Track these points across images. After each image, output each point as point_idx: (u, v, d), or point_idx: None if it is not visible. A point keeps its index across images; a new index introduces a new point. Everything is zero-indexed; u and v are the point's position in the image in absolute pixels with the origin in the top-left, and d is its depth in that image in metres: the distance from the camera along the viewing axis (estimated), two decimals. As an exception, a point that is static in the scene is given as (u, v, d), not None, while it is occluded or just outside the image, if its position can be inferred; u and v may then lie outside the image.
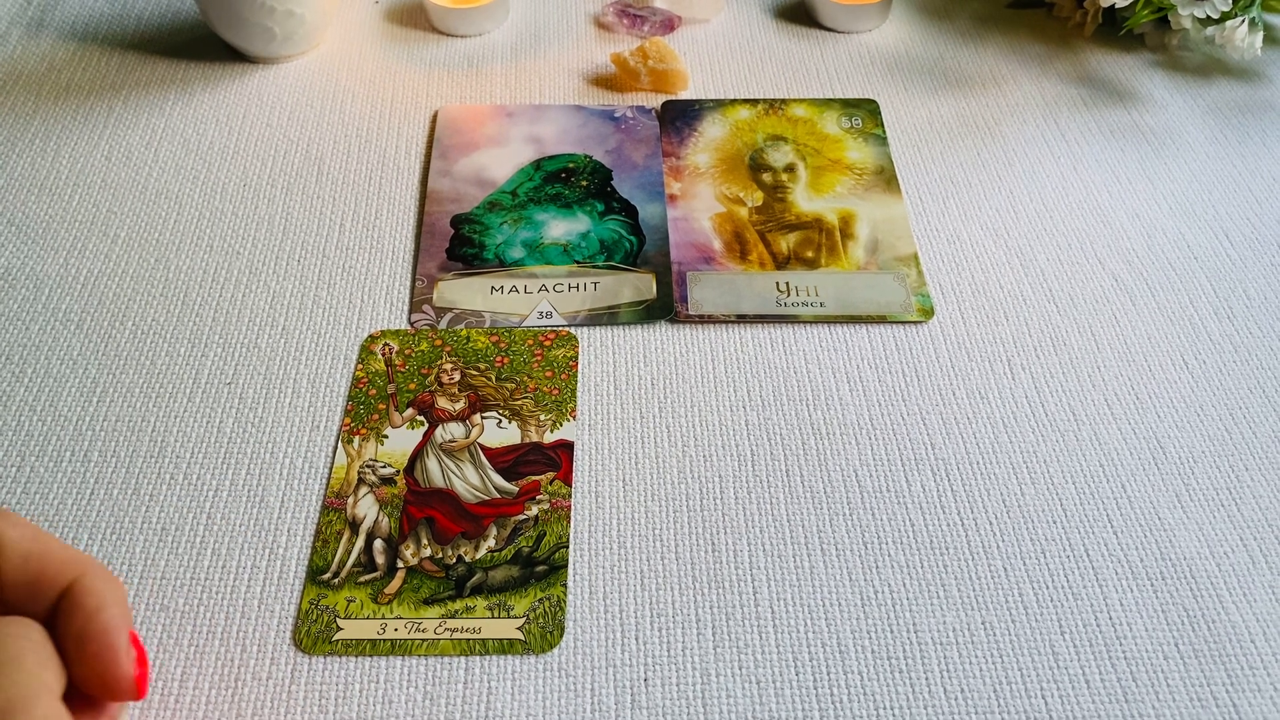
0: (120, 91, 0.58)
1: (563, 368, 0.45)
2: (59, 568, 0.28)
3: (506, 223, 0.51)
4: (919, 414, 0.43)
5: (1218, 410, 0.44)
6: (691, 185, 0.53)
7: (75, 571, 0.28)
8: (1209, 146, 0.56)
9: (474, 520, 0.40)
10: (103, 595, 0.28)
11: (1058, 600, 0.38)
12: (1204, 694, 0.35)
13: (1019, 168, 0.54)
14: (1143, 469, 0.42)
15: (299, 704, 0.35)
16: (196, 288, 0.48)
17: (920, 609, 0.37)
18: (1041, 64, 0.61)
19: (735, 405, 0.44)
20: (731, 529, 0.39)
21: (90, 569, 0.29)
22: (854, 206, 0.52)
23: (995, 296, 0.48)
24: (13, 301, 0.47)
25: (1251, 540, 0.39)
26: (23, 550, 0.27)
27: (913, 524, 0.40)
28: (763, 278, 0.48)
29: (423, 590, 0.38)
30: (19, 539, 0.28)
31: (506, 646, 0.36)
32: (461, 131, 0.56)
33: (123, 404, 0.43)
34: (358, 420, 0.43)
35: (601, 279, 0.48)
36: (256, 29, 0.57)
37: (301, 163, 0.54)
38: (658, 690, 0.35)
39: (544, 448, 0.42)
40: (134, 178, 0.53)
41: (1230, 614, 0.37)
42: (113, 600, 0.29)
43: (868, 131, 0.56)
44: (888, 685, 0.35)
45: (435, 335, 0.46)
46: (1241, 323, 0.47)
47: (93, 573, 0.29)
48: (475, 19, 0.62)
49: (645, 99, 0.58)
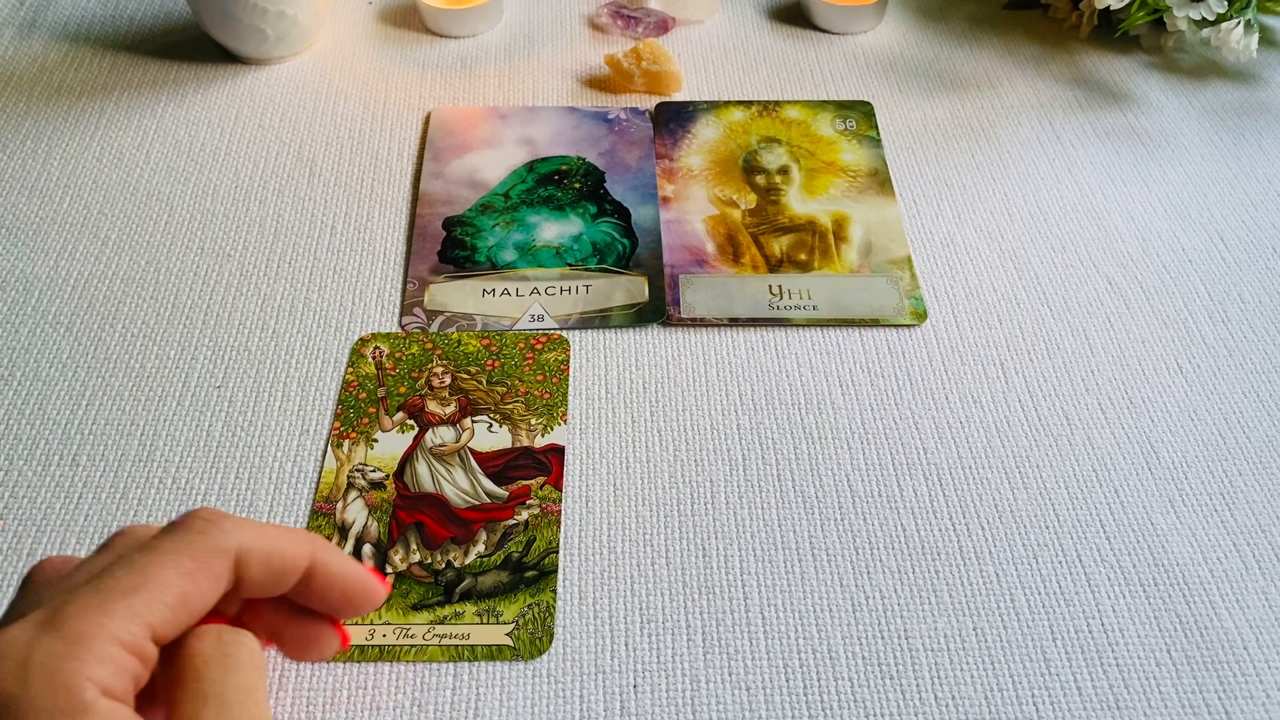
0: (112, 92, 0.58)
1: (554, 371, 0.44)
2: (294, 559, 0.29)
3: (499, 225, 0.51)
4: (911, 418, 0.43)
5: (1211, 415, 0.43)
6: (684, 187, 0.53)
7: (307, 554, 0.30)
8: (1204, 149, 0.56)
9: (464, 525, 0.39)
10: (335, 561, 0.30)
11: (1049, 606, 0.37)
12: (1196, 701, 0.35)
13: (1014, 170, 0.54)
14: (1136, 474, 0.41)
15: (286, 710, 0.35)
16: (187, 290, 0.48)
17: (911, 615, 0.37)
18: (1037, 66, 0.61)
19: (727, 409, 0.43)
20: (722, 534, 0.39)
21: (316, 545, 0.30)
22: (848, 209, 0.52)
23: (989, 300, 0.48)
24: (2, 303, 0.47)
25: (1245, 546, 0.39)
26: (263, 552, 0.28)
27: (904, 529, 0.40)
28: (755, 280, 0.48)
29: (411, 596, 0.37)
30: (256, 545, 0.28)
31: (495, 653, 0.36)
32: (454, 133, 0.55)
33: (112, 407, 0.43)
34: (347, 424, 0.43)
35: (594, 282, 0.48)
36: (249, 30, 0.57)
37: (293, 164, 0.54)
38: (647, 696, 0.35)
39: (535, 452, 0.42)
40: (125, 179, 0.53)
41: (1223, 620, 0.37)
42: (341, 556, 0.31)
43: (862, 134, 0.56)
44: (878, 692, 0.35)
45: (426, 338, 0.46)
46: (1236, 326, 0.47)
47: (321, 549, 0.30)
48: (468, 20, 0.61)
49: (639, 100, 0.58)
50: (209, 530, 0.28)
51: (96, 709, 0.24)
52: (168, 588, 0.26)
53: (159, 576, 0.26)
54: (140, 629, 0.25)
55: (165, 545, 0.27)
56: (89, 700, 0.24)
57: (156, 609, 0.26)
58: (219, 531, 0.28)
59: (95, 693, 0.24)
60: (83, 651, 0.24)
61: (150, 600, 0.25)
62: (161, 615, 0.26)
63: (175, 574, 0.26)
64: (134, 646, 0.25)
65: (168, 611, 0.26)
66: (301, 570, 0.29)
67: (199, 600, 0.27)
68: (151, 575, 0.26)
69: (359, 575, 0.31)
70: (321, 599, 0.30)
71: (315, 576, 0.30)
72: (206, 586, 0.27)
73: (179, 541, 0.27)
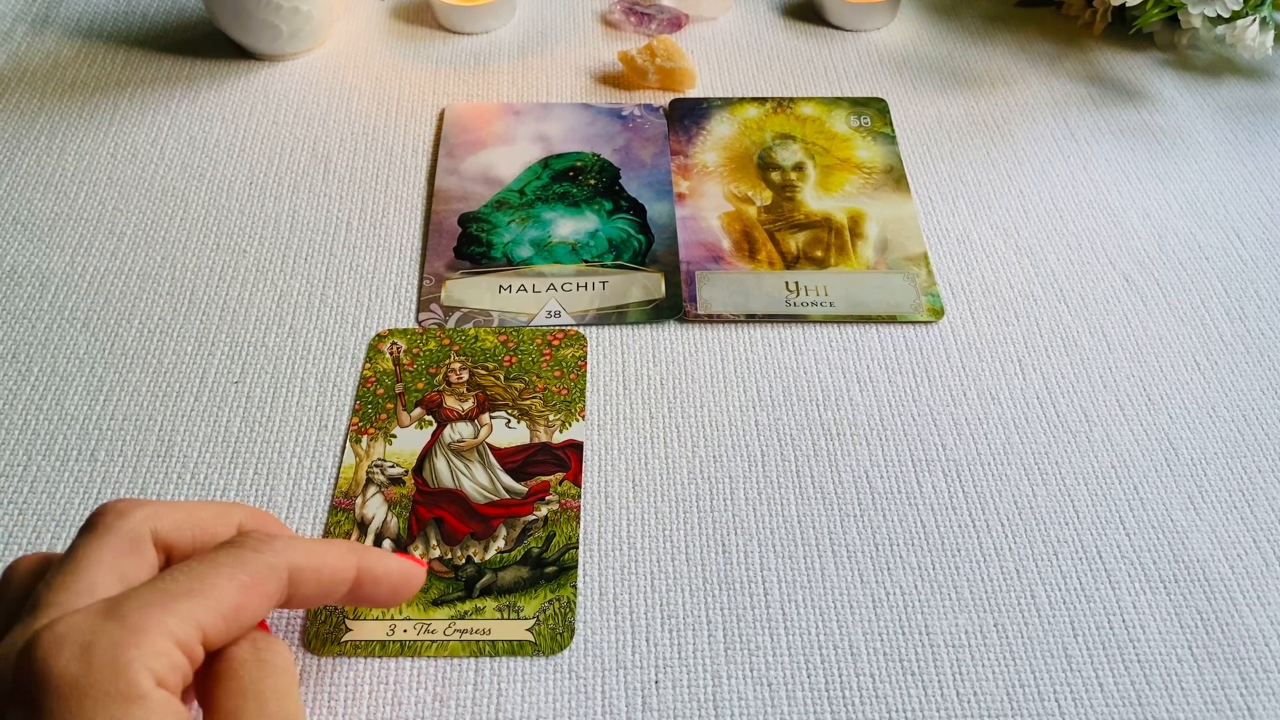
0: (126, 88, 0.58)
1: (571, 367, 0.44)
2: (343, 573, 0.31)
3: (514, 221, 0.51)
4: (929, 414, 0.43)
5: (1230, 411, 0.43)
6: (700, 184, 0.53)
7: (353, 566, 0.31)
8: (1219, 146, 0.56)
9: (483, 521, 0.39)
10: (379, 563, 0.32)
11: (1070, 602, 0.37)
12: (1218, 697, 0.35)
13: (1028, 167, 0.54)
14: (1155, 470, 0.41)
15: (308, 705, 0.35)
16: (203, 286, 0.48)
17: (932, 611, 0.37)
18: (1051, 63, 0.61)
19: (745, 405, 0.43)
20: (742, 530, 0.39)
21: (361, 555, 0.32)
22: (863, 206, 0.52)
23: (1005, 296, 0.48)
24: (19, 299, 0.47)
25: (1265, 542, 0.39)
26: (314, 570, 0.30)
27: (924, 525, 0.40)
28: (772, 277, 0.48)
29: (432, 591, 0.37)
30: (307, 563, 0.30)
31: (516, 648, 0.36)
32: (469, 129, 0.55)
33: (129, 403, 0.43)
34: (365, 420, 0.42)
35: (610, 278, 0.48)
36: (263, 26, 0.57)
37: (308, 161, 0.54)
38: (668, 692, 0.35)
39: (553, 448, 0.42)
40: (140, 175, 0.53)
41: (1244, 617, 0.37)
42: (382, 555, 0.33)
43: (876, 130, 0.56)
44: (900, 687, 0.35)
45: (443, 334, 0.46)
46: (1253, 323, 0.47)
47: (364, 555, 0.32)
48: (482, 17, 0.61)
49: (653, 97, 0.58)
50: (263, 549, 0.29)
51: (152, 697, 0.25)
52: (224, 598, 0.27)
53: (217, 586, 0.27)
54: (194, 630, 0.26)
55: (223, 559, 0.28)
56: (145, 688, 0.25)
57: (212, 615, 0.27)
58: (273, 551, 0.29)
59: (151, 682, 0.25)
60: (142, 641, 0.25)
61: (207, 606, 0.27)
62: (214, 622, 0.27)
63: (232, 586, 0.28)
64: (187, 645, 0.26)
65: (220, 620, 0.27)
66: (349, 582, 0.31)
67: (250, 614, 0.28)
68: (209, 584, 0.27)
69: (401, 568, 0.33)
70: (370, 599, 0.32)
71: (363, 584, 0.32)
72: (259, 602, 0.28)
73: (237, 557, 0.28)
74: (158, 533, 0.29)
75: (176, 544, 0.30)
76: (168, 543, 0.30)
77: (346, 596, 0.32)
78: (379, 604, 0.33)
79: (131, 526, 0.29)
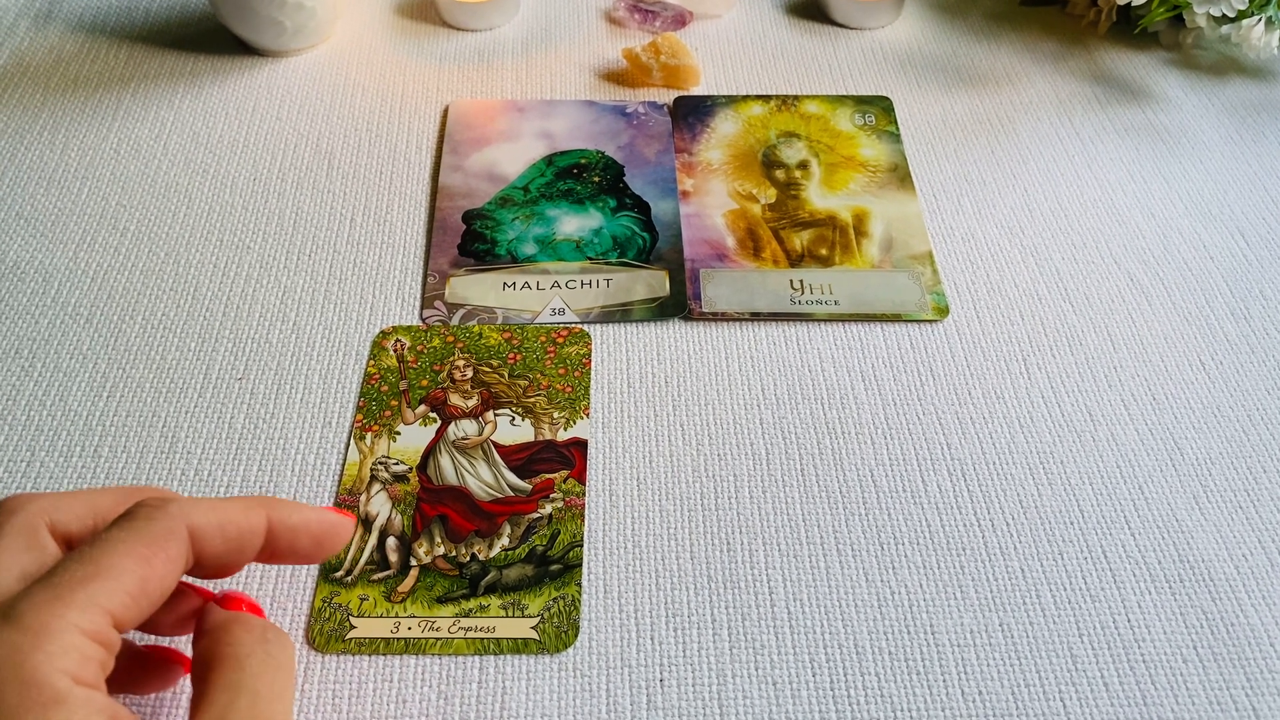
0: (129, 84, 0.58)
1: (576, 365, 0.44)
2: (250, 525, 0.29)
3: (518, 218, 0.51)
4: (934, 413, 0.43)
5: (1235, 411, 0.43)
6: (704, 181, 0.53)
7: (262, 517, 0.30)
8: (1224, 146, 0.55)
9: (487, 518, 0.39)
10: (293, 514, 0.31)
11: (1075, 602, 0.37)
12: (1223, 697, 0.35)
13: (1033, 166, 0.54)
14: (1160, 470, 0.41)
15: (312, 703, 0.35)
16: (206, 282, 0.48)
17: (937, 610, 0.37)
18: (1055, 62, 0.61)
19: (749, 404, 0.43)
20: (746, 528, 0.39)
21: (269, 506, 0.30)
22: (868, 204, 0.52)
23: (1010, 295, 0.48)
24: (22, 295, 0.47)
25: (1270, 543, 0.39)
26: (217, 525, 0.28)
27: (929, 524, 0.40)
28: (776, 275, 0.48)
29: (436, 589, 0.37)
30: (207, 519, 0.28)
31: (521, 646, 0.36)
32: (472, 126, 0.55)
33: (133, 399, 0.43)
34: (370, 417, 0.42)
35: (614, 276, 0.48)
36: (266, 22, 0.57)
37: (312, 157, 0.54)
38: (673, 691, 0.35)
39: (557, 445, 0.42)
40: (143, 171, 0.53)
41: (1249, 617, 0.37)
42: (297, 507, 0.31)
43: (881, 128, 0.56)
44: (905, 687, 0.35)
45: (447, 331, 0.46)
46: (1258, 323, 0.47)
47: (274, 507, 0.30)
48: (485, 13, 0.61)
49: (657, 94, 0.58)
50: (156, 515, 0.27)
51: (73, 697, 0.23)
52: (124, 574, 0.26)
53: (114, 565, 0.26)
54: (101, 616, 0.25)
55: (115, 535, 0.27)
56: (62, 690, 0.23)
57: (116, 596, 0.25)
58: (167, 514, 0.27)
59: (67, 681, 0.24)
60: (46, 642, 0.24)
61: (107, 588, 0.25)
62: (121, 602, 0.26)
63: (130, 561, 0.26)
64: (97, 634, 0.25)
65: (127, 598, 0.26)
66: (261, 534, 0.30)
67: (158, 584, 0.27)
68: (105, 565, 0.26)
69: (322, 519, 0.31)
70: (292, 553, 0.31)
71: (279, 536, 0.30)
72: (164, 569, 0.27)
73: (128, 530, 0.27)
74: (56, 525, 0.28)
75: (78, 535, 0.29)
76: (68, 534, 0.28)
77: (266, 554, 0.30)
78: (305, 559, 0.31)
79: (25, 521, 0.28)
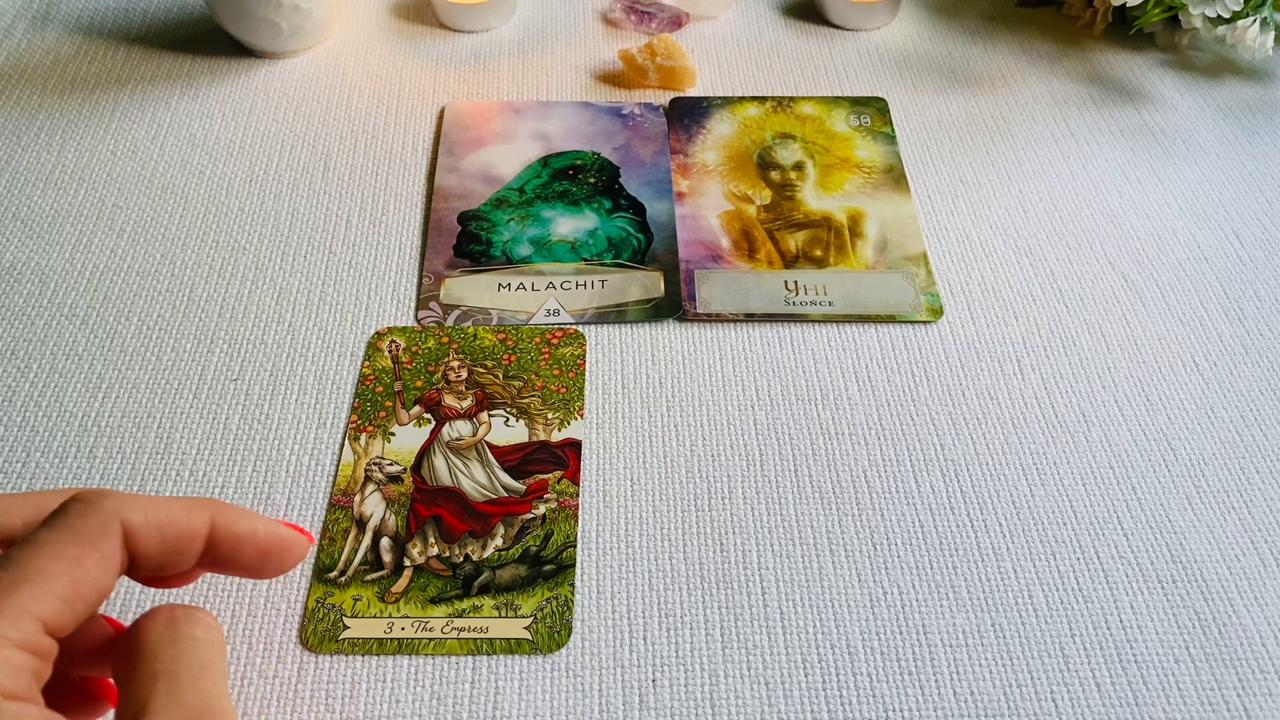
0: (126, 86, 0.58)
1: (570, 366, 0.44)
2: (191, 527, 0.28)
3: (514, 220, 0.51)
4: (928, 414, 0.43)
5: (1228, 412, 0.43)
6: (699, 183, 0.53)
7: (204, 519, 0.28)
8: (1219, 147, 0.56)
9: (481, 519, 0.39)
10: (240, 520, 0.29)
11: (1068, 602, 0.37)
12: (1215, 698, 0.35)
13: (1028, 167, 0.54)
14: (1153, 471, 0.41)
15: (305, 703, 0.35)
16: (202, 283, 0.48)
17: (929, 610, 0.37)
18: (1051, 63, 0.61)
19: (743, 404, 0.43)
20: (740, 529, 0.39)
21: (214, 509, 0.29)
22: (863, 205, 0.52)
23: (1005, 296, 0.48)
24: (18, 296, 0.47)
25: (1263, 543, 0.39)
26: (154, 524, 0.27)
27: (922, 525, 0.40)
28: (771, 276, 0.48)
29: (430, 589, 0.37)
30: (144, 517, 0.27)
31: (514, 646, 0.36)
32: (468, 128, 0.55)
33: (128, 400, 0.43)
34: (364, 417, 0.43)
35: (609, 277, 0.48)
36: (263, 23, 0.57)
37: (308, 158, 0.54)
38: (665, 691, 0.35)
39: (551, 446, 0.42)
40: (139, 172, 0.53)
41: (1241, 617, 0.37)
42: (245, 514, 0.30)
43: (876, 130, 0.56)
44: (897, 687, 0.35)
45: (442, 332, 0.46)
46: (1252, 324, 0.47)
47: (220, 511, 0.29)
48: (482, 15, 0.61)
49: (653, 96, 0.58)
50: (89, 512, 0.26)
51: (3, 712, 0.22)
52: (54, 578, 0.24)
53: (42, 569, 0.24)
54: (31, 625, 0.24)
55: (44, 537, 0.25)
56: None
57: (47, 601, 0.24)
58: (100, 510, 0.26)
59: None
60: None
61: (37, 594, 0.24)
62: (53, 607, 0.24)
63: (61, 563, 0.25)
64: (28, 644, 0.24)
65: (59, 603, 0.24)
66: (202, 536, 0.28)
67: (92, 586, 0.25)
68: (33, 569, 0.24)
69: (271, 532, 0.29)
70: (236, 563, 0.29)
71: (221, 542, 0.28)
72: (97, 570, 0.25)
73: (58, 530, 0.26)
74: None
75: (16, 536, 0.27)
76: (11, 537, 0.27)
77: (207, 560, 0.28)
78: (250, 573, 0.30)
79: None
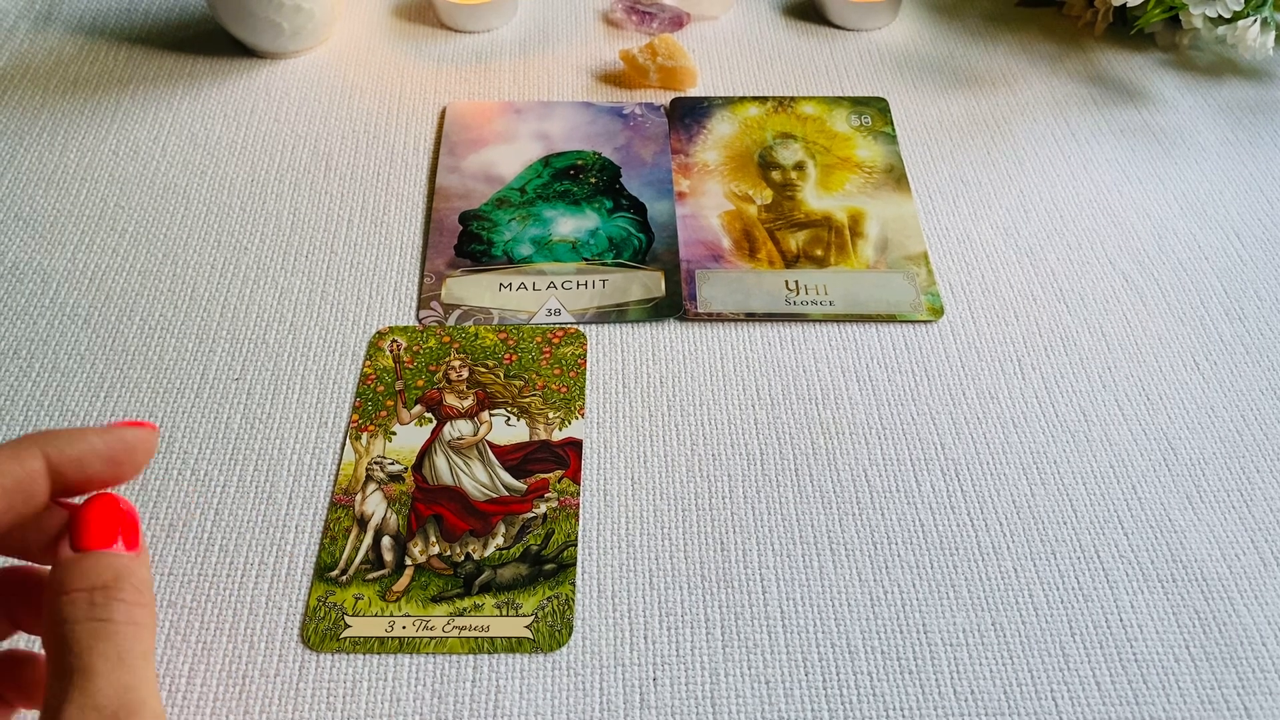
0: (128, 86, 0.58)
1: (571, 365, 0.44)
2: (26, 470, 0.26)
3: (515, 219, 0.51)
4: (929, 414, 0.43)
5: (1229, 412, 0.43)
6: (700, 183, 0.53)
7: (36, 457, 0.26)
8: (1220, 147, 0.56)
9: (482, 518, 0.40)
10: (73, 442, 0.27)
11: (1068, 601, 0.38)
12: (1215, 696, 0.35)
13: (1029, 167, 0.54)
14: (1153, 470, 0.41)
15: (307, 701, 0.35)
16: (204, 283, 0.48)
17: (930, 609, 0.37)
18: (1052, 63, 0.61)
19: (744, 404, 0.43)
20: (740, 528, 0.39)
21: (42, 442, 0.26)
22: (863, 205, 0.52)
23: (1005, 296, 0.48)
24: (20, 295, 0.47)
25: (1263, 542, 0.39)
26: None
27: (922, 524, 0.40)
28: (772, 276, 0.48)
29: (431, 588, 0.37)
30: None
31: (515, 645, 0.36)
32: (470, 128, 0.56)
33: (130, 399, 0.43)
34: (366, 417, 0.43)
35: (610, 276, 0.48)
36: (264, 24, 0.57)
37: (309, 158, 0.54)
38: (666, 690, 0.35)
39: (552, 445, 0.42)
40: (141, 172, 0.53)
41: (1241, 616, 0.37)
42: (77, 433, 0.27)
43: (877, 129, 0.56)
44: (897, 686, 0.35)
45: (443, 332, 0.46)
46: (1253, 323, 0.47)
47: (49, 442, 0.26)
48: (483, 15, 0.61)
49: (654, 96, 0.58)
50: None
51: None
52: None
53: None
54: None
55: None
56: None
57: None
58: None
59: None
60: None
61: None
62: None
63: None
64: None
65: None
66: (42, 476, 0.26)
67: None
68: None
69: (110, 438, 0.27)
70: (89, 482, 0.27)
71: (64, 471, 0.26)
72: None
73: None
74: None
75: None
76: None
77: (61, 490, 0.26)
78: (109, 482, 0.27)
79: None
